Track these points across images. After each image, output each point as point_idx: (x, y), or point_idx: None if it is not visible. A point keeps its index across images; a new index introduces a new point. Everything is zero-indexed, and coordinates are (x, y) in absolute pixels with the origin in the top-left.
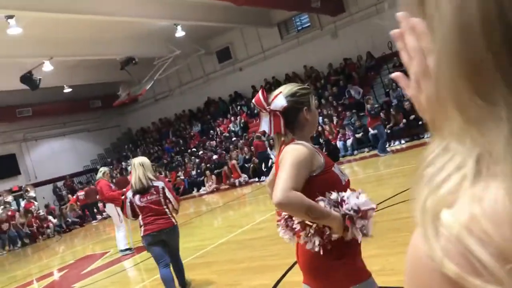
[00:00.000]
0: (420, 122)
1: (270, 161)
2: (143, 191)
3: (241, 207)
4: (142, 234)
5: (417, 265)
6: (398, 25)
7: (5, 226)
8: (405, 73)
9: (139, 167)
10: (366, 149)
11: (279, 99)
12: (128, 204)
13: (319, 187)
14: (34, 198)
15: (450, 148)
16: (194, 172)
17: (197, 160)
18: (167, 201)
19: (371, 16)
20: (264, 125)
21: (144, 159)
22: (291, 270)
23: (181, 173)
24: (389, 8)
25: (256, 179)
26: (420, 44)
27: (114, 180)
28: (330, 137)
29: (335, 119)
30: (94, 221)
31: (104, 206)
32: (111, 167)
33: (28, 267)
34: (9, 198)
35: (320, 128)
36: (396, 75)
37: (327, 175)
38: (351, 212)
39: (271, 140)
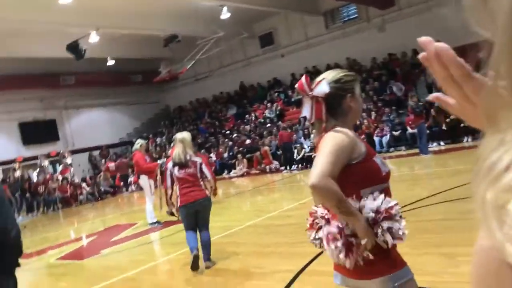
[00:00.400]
0: (461, 125)
1: (295, 152)
2: (181, 164)
3: (270, 193)
4: (178, 204)
5: (483, 259)
6: (446, 23)
7: (40, 188)
8: None
9: (179, 144)
10: (403, 147)
11: (322, 85)
12: (168, 174)
13: (357, 176)
14: (70, 165)
15: (506, 141)
16: (226, 155)
17: (230, 143)
18: (203, 176)
19: (421, 13)
20: (306, 110)
21: (185, 137)
22: (316, 259)
23: (213, 155)
24: (441, 6)
25: (287, 168)
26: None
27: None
28: (367, 131)
29: (373, 114)
30: (125, 192)
31: (138, 178)
32: (147, 141)
33: (59, 230)
34: (46, 163)
35: (358, 123)
36: (434, 96)
37: (368, 164)
38: (370, 214)
39: (306, 130)
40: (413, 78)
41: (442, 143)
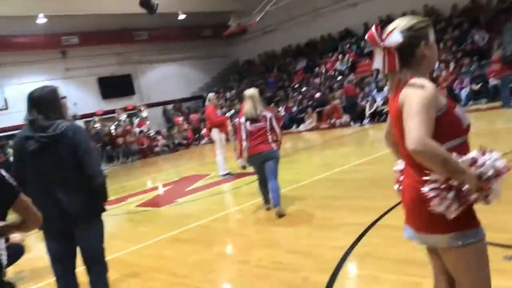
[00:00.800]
0: None
1: (367, 106)
2: (252, 119)
3: (339, 148)
4: (247, 154)
5: None
6: None
7: (120, 140)
8: None
9: (249, 99)
10: (484, 100)
11: (394, 35)
12: (242, 128)
13: (439, 130)
14: (146, 118)
15: None
16: (295, 109)
17: (299, 97)
18: (272, 130)
19: None
20: (377, 62)
21: (254, 93)
22: (388, 214)
23: (282, 109)
24: None
25: (356, 122)
26: None
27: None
28: (445, 84)
29: (452, 66)
30: (198, 145)
31: (210, 131)
32: (218, 95)
33: (137, 179)
34: (123, 116)
35: (435, 75)
36: None
37: (449, 117)
38: (491, 172)
39: (378, 83)
40: (498, 25)
41: None
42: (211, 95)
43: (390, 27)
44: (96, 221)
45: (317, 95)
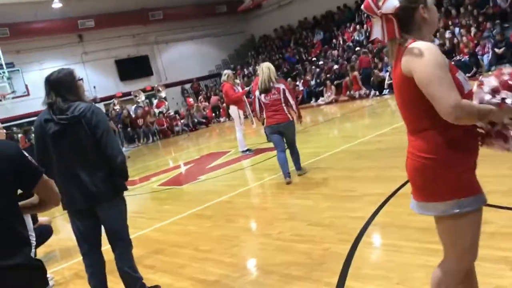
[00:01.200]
0: None
1: (387, 76)
2: (266, 91)
3: (359, 120)
4: (265, 125)
5: None
6: None
7: (140, 121)
8: None
9: (266, 70)
10: (507, 65)
11: (390, 0)
12: (257, 100)
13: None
14: (165, 98)
15: None
16: (313, 82)
17: (317, 70)
18: (287, 101)
19: None
20: (376, 31)
21: (267, 65)
22: (408, 183)
23: (300, 83)
24: None
25: (377, 93)
26: None
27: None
28: (466, 50)
29: (473, 31)
30: (217, 123)
31: (228, 108)
32: (234, 72)
33: (159, 159)
34: (142, 97)
35: (455, 41)
36: None
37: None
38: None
39: None
40: None
41: None
42: (227, 71)
43: None
44: (118, 199)
45: (335, 67)
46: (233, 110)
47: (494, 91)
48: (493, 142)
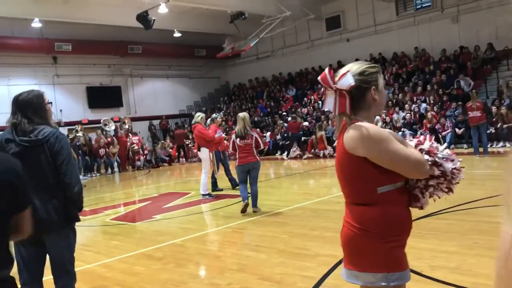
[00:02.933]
0: None
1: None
2: (242, 137)
3: (321, 178)
4: (236, 164)
5: (503, 242)
6: None
7: (101, 151)
8: None
9: (241, 120)
10: (465, 145)
11: (347, 78)
12: (231, 142)
13: (379, 171)
14: (129, 131)
15: None
16: (279, 136)
17: (285, 124)
18: (258, 145)
19: (502, 4)
20: (329, 103)
21: (246, 116)
22: None
23: (267, 134)
24: None
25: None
26: None
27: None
28: (429, 125)
29: (436, 108)
30: (181, 162)
31: (199, 150)
32: (205, 115)
33: (116, 192)
34: (112, 127)
35: (419, 115)
36: None
37: None
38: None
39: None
40: (484, 74)
41: (508, 144)
42: (200, 114)
43: (342, 70)
44: (69, 230)
45: (304, 124)
46: (204, 152)
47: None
48: (438, 190)
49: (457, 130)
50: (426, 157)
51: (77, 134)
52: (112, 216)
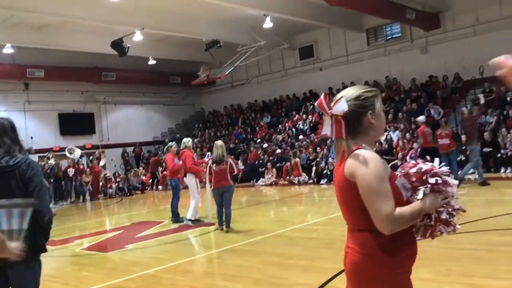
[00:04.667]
0: (498, 155)
1: (326, 166)
2: (218, 162)
3: (296, 205)
4: (211, 188)
5: None
6: (493, 51)
7: (73, 180)
8: (492, 101)
9: (218, 147)
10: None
11: (340, 104)
12: (208, 168)
13: None
14: (103, 167)
15: None
16: (254, 162)
17: (260, 151)
18: (232, 171)
19: (466, 37)
20: (326, 129)
21: (222, 144)
22: (338, 276)
23: (241, 162)
24: (487, 33)
25: (314, 180)
26: None
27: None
28: (401, 153)
29: (408, 136)
30: (155, 190)
31: (185, 176)
32: (176, 143)
33: (87, 221)
34: (77, 154)
35: (385, 140)
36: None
37: (391, 186)
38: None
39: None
40: (453, 102)
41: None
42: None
43: (338, 96)
44: (35, 261)
45: (278, 151)
46: (190, 178)
47: (413, 185)
48: (438, 231)
49: (428, 157)
50: (409, 194)
51: (49, 162)
52: (83, 246)
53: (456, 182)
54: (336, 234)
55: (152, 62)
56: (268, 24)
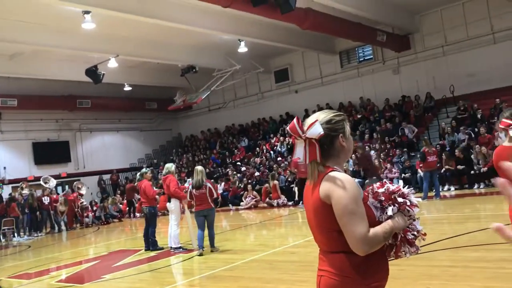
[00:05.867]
0: (471, 172)
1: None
2: (198, 187)
3: (276, 228)
4: (194, 211)
5: None
6: (462, 70)
7: (48, 208)
8: (464, 120)
9: (198, 173)
10: (413, 190)
11: (316, 127)
12: (188, 192)
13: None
14: (82, 196)
15: None
16: (234, 186)
17: (238, 175)
18: (212, 195)
19: (436, 57)
20: (299, 152)
21: (202, 169)
22: None
23: (220, 186)
24: (456, 53)
25: (293, 202)
26: None
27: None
28: (379, 171)
29: (382, 155)
30: (133, 218)
31: (169, 201)
32: (152, 168)
33: (63, 252)
34: (52, 184)
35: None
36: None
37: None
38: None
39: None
40: (426, 121)
41: (452, 188)
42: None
43: (310, 120)
44: None
45: (257, 174)
46: (174, 203)
47: (382, 205)
48: (403, 251)
49: (404, 175)
50: (400, 200)
51: (22, 192)
52: (58, 278)
53: (418, 202)
54: (316, 256)
55: (127, 88)
56: (243, 48)
